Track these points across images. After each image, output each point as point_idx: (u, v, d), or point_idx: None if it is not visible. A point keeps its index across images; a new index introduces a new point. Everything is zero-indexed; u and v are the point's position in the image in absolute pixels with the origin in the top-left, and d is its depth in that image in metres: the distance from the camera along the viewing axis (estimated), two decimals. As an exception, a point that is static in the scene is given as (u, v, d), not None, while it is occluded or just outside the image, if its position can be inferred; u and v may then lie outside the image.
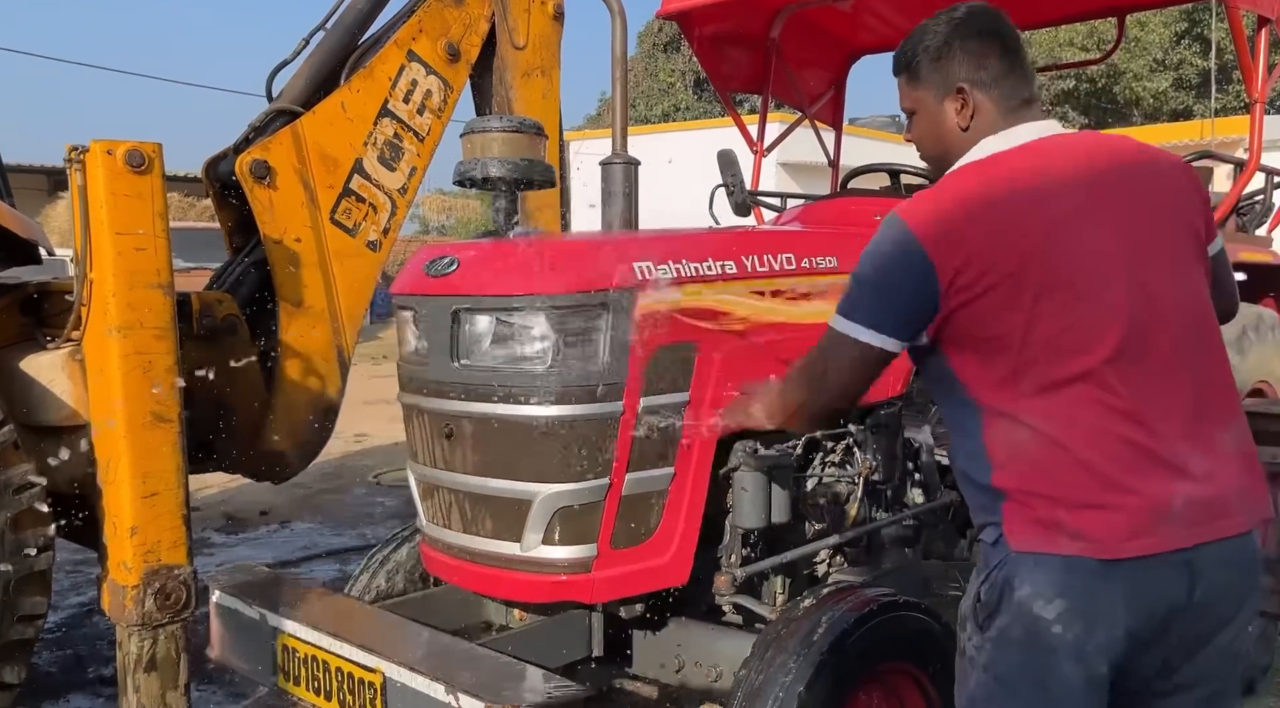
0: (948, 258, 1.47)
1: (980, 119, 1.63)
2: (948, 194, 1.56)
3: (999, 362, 1.49)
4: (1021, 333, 1.47)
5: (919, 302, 1.51)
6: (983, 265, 1.47)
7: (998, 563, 1.51)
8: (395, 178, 3.85)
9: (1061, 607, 1.44)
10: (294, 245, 3.55)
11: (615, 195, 2.82)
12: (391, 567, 2.82)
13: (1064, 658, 1.44)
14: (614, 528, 2.20)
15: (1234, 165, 3.29)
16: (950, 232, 1.49)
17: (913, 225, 1.51)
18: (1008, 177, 1.55)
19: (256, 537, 5.61)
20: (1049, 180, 1.53)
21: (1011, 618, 1.48)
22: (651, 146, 15.84)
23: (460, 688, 1.77)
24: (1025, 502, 1.49)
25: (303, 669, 2.07)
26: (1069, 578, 1.44)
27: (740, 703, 2.03)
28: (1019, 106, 1.63)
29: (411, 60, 3.79)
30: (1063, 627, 1.44)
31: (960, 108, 1.63)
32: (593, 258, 2.30)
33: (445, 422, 2.22)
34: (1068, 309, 1.46)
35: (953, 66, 1.63)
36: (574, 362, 2.13)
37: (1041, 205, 1.50)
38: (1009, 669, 1.49)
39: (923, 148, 1.74)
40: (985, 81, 1.62)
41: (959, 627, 1.61)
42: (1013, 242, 1.48)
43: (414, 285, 2.26)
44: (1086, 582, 1.44)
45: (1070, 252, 1.47)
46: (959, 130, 1.64)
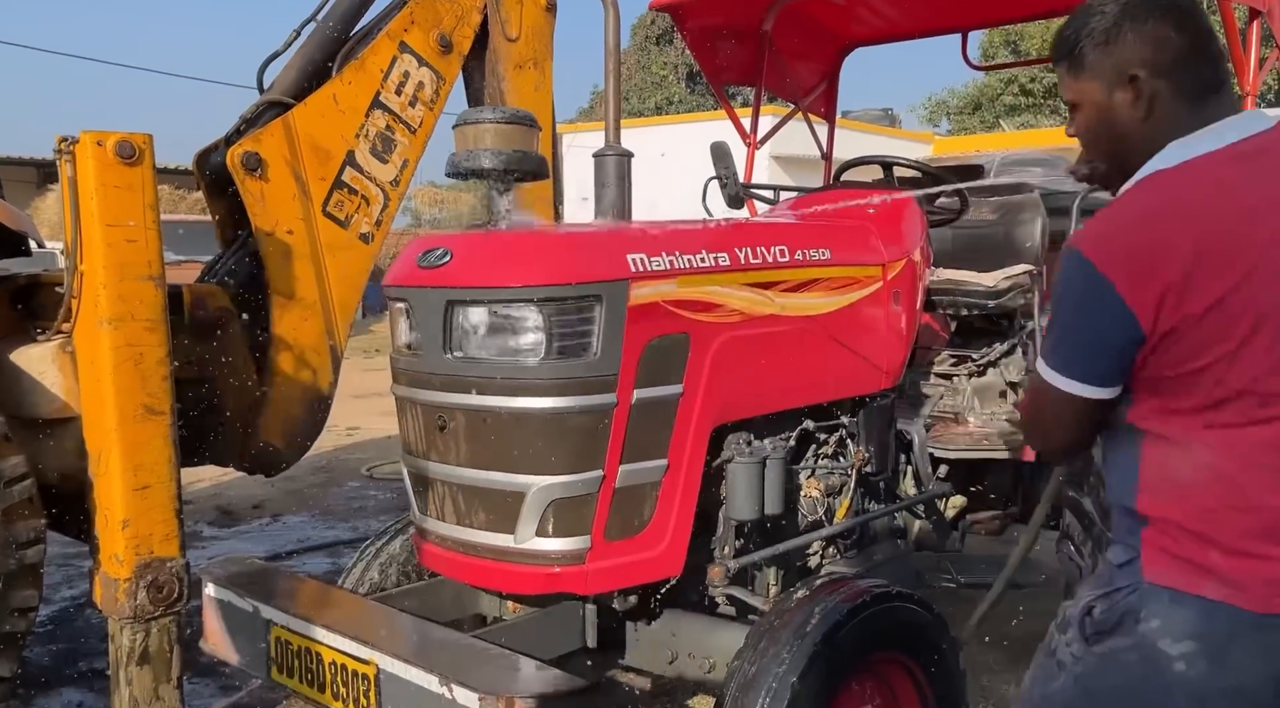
0: (1144, 295, 1.31)
1: (1160, 111, 1.42)
2: (1136, 214, 1.36)
3: (1185, 394, 1.36)
4: (1224, 367, 1.32)
5: (1123, 347, 1.36)
6: (1186, 298, 1.30)
7: (1124, 587, 1.43)
8: (387, 170, 3.83)
9: (1190, 648, 1.36)
10: (286, 238, 3.54)
11: (608, 187, 2.81)
12: (385, 559, 2.82)
13: (1180, 696, 1.37)
14: (607, 520, 2.20)
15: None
16: (1145, 264, 1.31)
17: (1098, 261, 1.34)
18: (1212, 188, 1.34)
19: (249, 530, 5.60)
20: (1264, 190, 1.33)
21: (1130, 645, 1.41)
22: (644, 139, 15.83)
23: (454, 680, 1.77)
24: (1169, 534, 1.39)
25: (296, 662, 2.07)
26: (1207, 623, 1.36)
27: (733, 694, 2.04)
28: (1207, 95, 1.41)
29: (403, 52, 3.77)
30: (1186, 665, 1.36)
31: (1134, 99, 1.42)
32: (586, 250, 2.29)
33: (438, 414, 2.22)
34: None
35: (1124, 51, 1.41)
36: (567, 354, 2.13)
37: (1257, 222, 1.31)
38: (1106, 689, 1.44)
39: (1089, 147, 1.53)
40: (1164, 66, 1.40)
41: (1057, 626, 1.54)
42: (1222, 267, 1.30)
43: (407, 277, 2.25)
44: (1226, 630, 1.35)
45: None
46: (1137, 123, 1.43)
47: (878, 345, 2.89)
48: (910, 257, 3.01)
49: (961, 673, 2.37)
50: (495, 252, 2.20)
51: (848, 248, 2.82)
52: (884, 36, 4.56)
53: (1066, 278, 1.41)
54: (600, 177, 2.83)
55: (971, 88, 26.64)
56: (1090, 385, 1.41)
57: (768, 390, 2.53)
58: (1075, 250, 1.39)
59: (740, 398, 2.45)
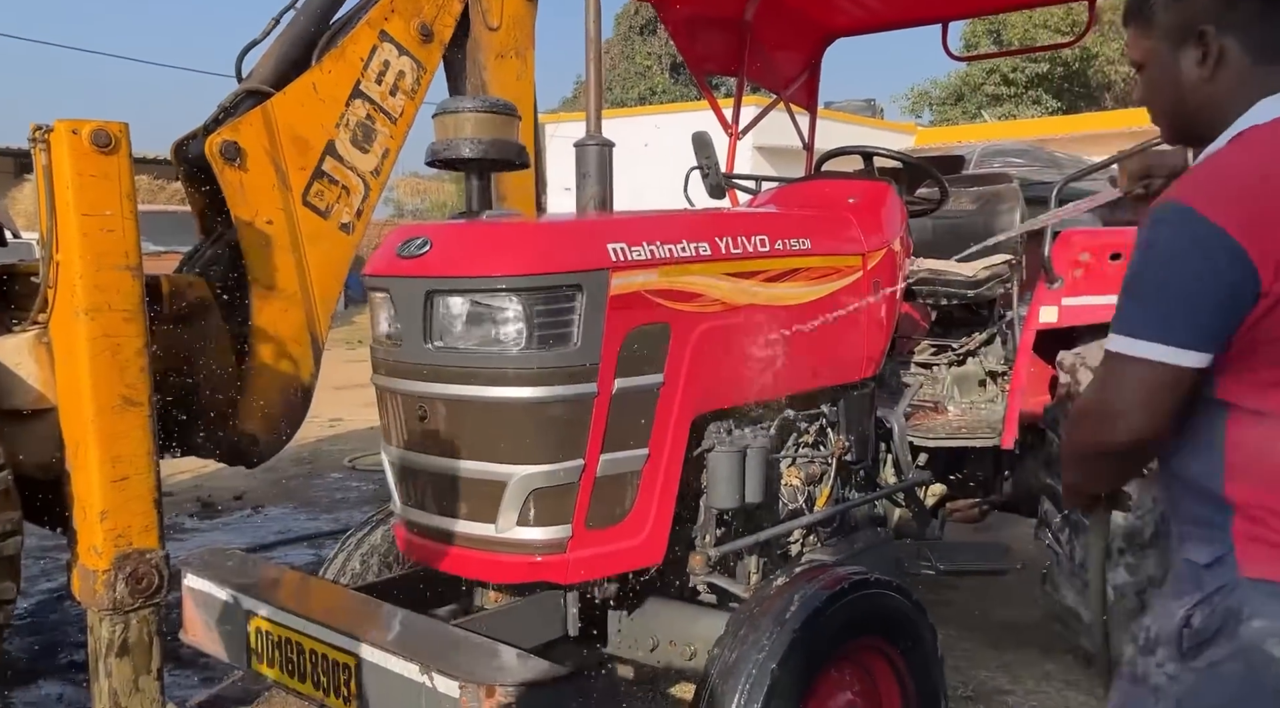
0: (1265, 246, 1.21)
1: (1228, 70, 1.34)
2: (1246, 165, 1.28)
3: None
4: None
5: (1233, 305, 1.24)
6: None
7: (1219, 588, 1.31)
8: (368, 160, 3.82)
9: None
10: (265, 228, 3.52)
11: (589, 177, 2.81)
12: (366, 550, 2.82)
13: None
14: (589, 509, 2.21)
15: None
16: (1264, 212, 1.22)
17: (1209, 211, 1.23)
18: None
19: (230, 522, 5.58)
20: None
21: (1232, 652, 1.28)
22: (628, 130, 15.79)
23: (434, 668, 1.77)
24: (1266, 522, 1.29)
25: (276, 652, 2.06)
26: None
27: (714, 681, 2.05)
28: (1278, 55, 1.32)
29: (384, 41, 3.75)
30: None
31: (1202, 57, 1.35)
32: (567, 239, 2.30)
33: (419, 404, 2.22)
34: None
35: (1194, 6, 1.35)
36: (548, 343, 2.13)
37: None
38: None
39: (1154, 108, 1.45)
40: (1236, 24, 1.33)
41: (1140, 649, 1.39)
42: None
43: (386, 267, 2.24)
44: None
45: None
46: (1200, 83, 1.35)
47: (858, 335, 2.91)
48: (890, 246, 3.02)
49: (940, 659, 2.40)
50: (475, 241, 2.20)
51: (828, 238, 2.83)
52: (865, 27, 4.56)
53: (1166, 233, 1.26)
54: (581, 166, 2.83)
55: (954, 78, 26.73)
56: (1191, 351, 1.26)
57: (749, 379, 2.54)
58: (1175, 202, 1.26)
59: (721, 387, 2.46)
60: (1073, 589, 3.23)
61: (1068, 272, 3.32)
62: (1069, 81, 25.52)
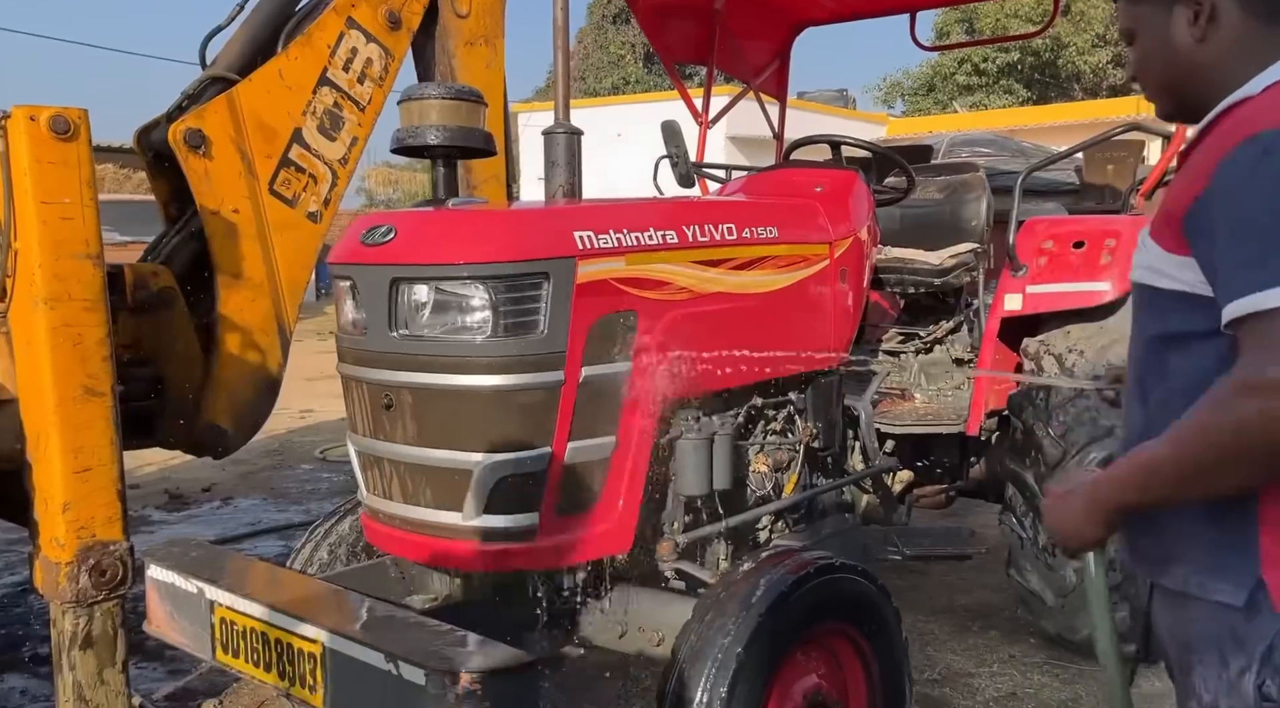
0: None
1: (1222, 31, 1.24)
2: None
3: None
4: None
5: None
6: None
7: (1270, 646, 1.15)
8: (336, 148, 3.78)
9: None
10: (231, 216, 3.48)
11: (558, 165, 2.81)
12: (334, 539, 2.81)
13: None
14: (556, 497, 2.22)
15: (1162, 137, 3.38)
16: None
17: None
18: None
19: (199, 514, 5.54)
20: None
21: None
22: (601, 120, 15.75)
23: (401, 656, 1.77)
24: None
25: (242, 642, 2.05)
26: None
27: (680, 665, 2.06)
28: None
29: (351, 27, 3.71)
30: None
31: (1194, 17, 1.25)
32: (533, 227, 2.29)
33: (384, 392, 2.21)
34: None
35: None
36: (514, 331, 2.13)
37: None
38: None
39: (1146, 80, 1.35)
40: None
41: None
42: None
43: (351, 255, 2.23)
44: None
45: None
46: (1193, 45, 1.25)
47: (825, 322, 2.93)
48: (857, 235, 3.04)
49: (904, 643, 2.43)
50: (440, 229, 2.19)
51: (795, 226, 2.84)
52: (834, 16, 4.58)
53: None
54: (550, 155, 2.83)
55: (926, 68, 26.87)
56: None
57: (716, 367, 2.55)
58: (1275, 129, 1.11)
59: (688, 375, 2.46)
60: (1036, 573, 3.28)
61: (1032, 259, 3.36)
62: (1039, 72, 25.73)
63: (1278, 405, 1.06)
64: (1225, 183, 1.13)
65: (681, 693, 2.03)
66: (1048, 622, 3.37)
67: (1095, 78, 25.44)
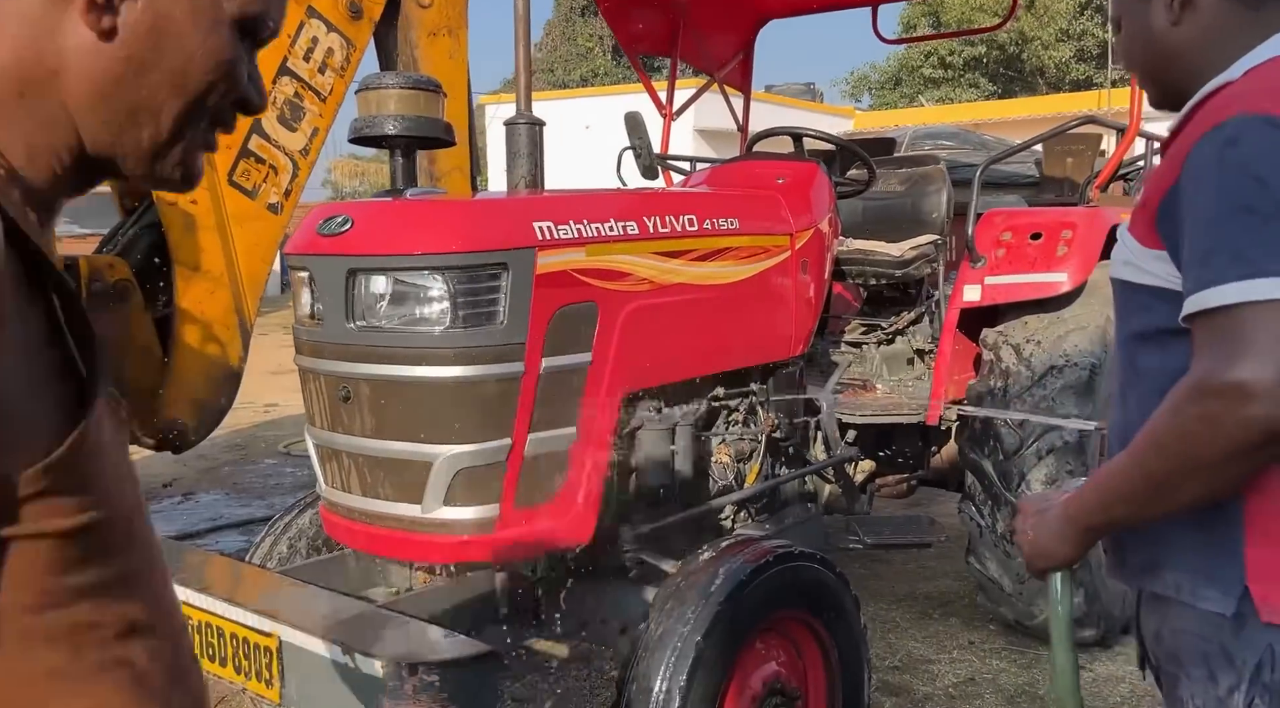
0: None
1: (1196, 15, 1.22)
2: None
3: None
4: None
5: None
6: None
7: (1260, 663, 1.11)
8: (296, 138, 3.74)
9: None
10: (189, 208, 3.43)
11: (520, 156, 2.80)
12: (294, 533, 2.79)
13: None
14: (517, 488, 2.21)
15: (1117, 131, 3.43)
16: None
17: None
18: None
19: (159, 509, 5.47)
20: None
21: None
22: (570, 112, 15.70)
23: (358, 649, 1.77)
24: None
25: (197, 637, 2.04)
26: None
27: (641, 654, 2.07)
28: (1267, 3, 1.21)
29: (311, 17, 3.67)
30: None
31: (1170, 1, 1.23)
32: (492, 217, 2.29)
33: (342, 384, 2.20)
34: None
35: None
36: (474, 322, 2.12)
37: None
38: None
39: (1132, 65, 1.34)
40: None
41: None
42: None
43: (307, 245, 2.21)
44: None
45: None
46: (1168, 29, 1.24)
47: (786, 313, 2.94)
48: (818, 226, 3.06)
49: (863, 630, 2.45)
50: (398, 219, 2.18)
51: (756, 217, 2.86)
52: (796, 9, 4.60)
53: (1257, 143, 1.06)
54: (512, 145, 2.81)
55: (892, 62, 27.04)
56: None
57: (677, 358, 2.56)
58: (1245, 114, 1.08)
59: (649, 366, 2.48)
60: (995, 560, 3.32)
61: (990, 251, 3.40)
62: (1004, 66, 25.98)
63: (1218, 409, 1.01)
64: (1190, 173, 1.11)
65: (642, 682, 2.04)
66: (1006, 608, 3.42)
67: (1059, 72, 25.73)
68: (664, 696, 2.00)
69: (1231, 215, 1.04)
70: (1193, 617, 1.17)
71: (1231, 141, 1.07)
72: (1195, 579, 1.17)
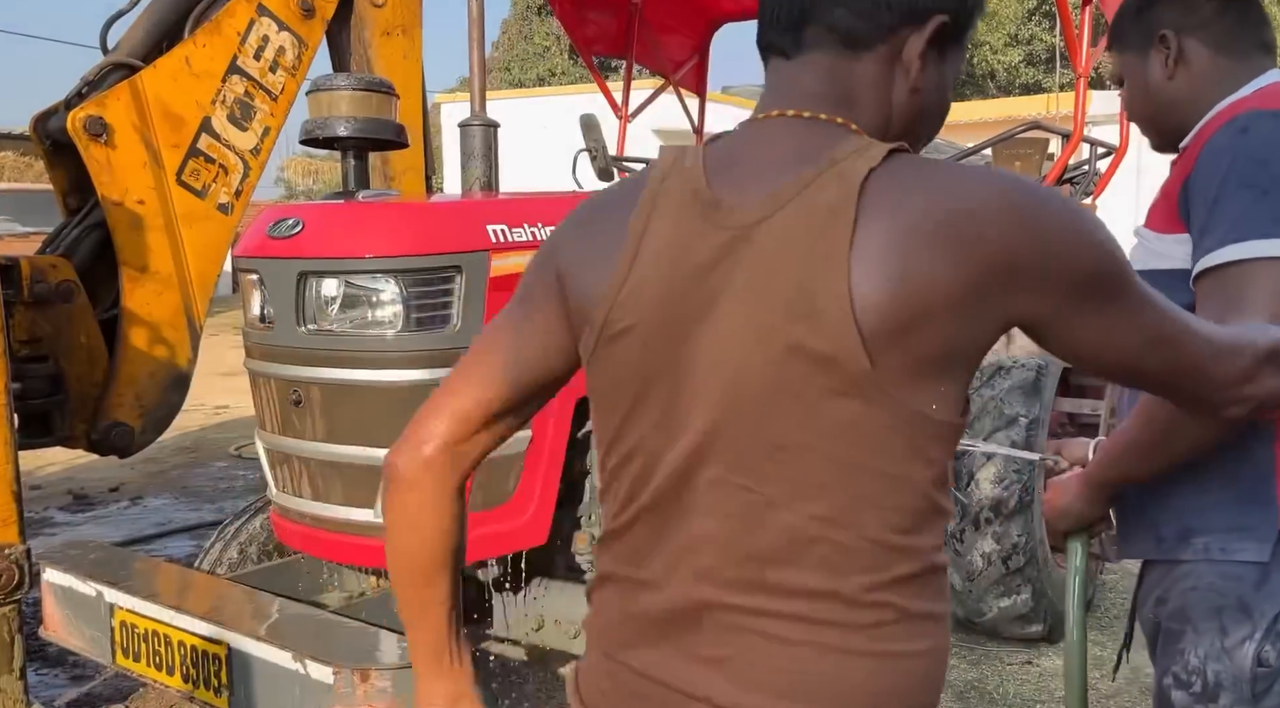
0: None
1: (1190, 68, 1.37)
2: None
3: None
4: None
5: None
6: None
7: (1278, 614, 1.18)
8: (247, 138, 3.68)
9: None
10: (136, 207, 3.37)
11: (474, 158, 2.79)
12: (244, 538, 2.76)
13: None
14: (471, 491, 2.21)
15: (1061, 136, 3.50)
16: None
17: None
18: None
19: (106, 515, 5.36)
20: None
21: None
22: (526, 112, 15.61)
23: (308, 655, 1.75)
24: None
25: (143, 645, 2.00)
26: None
27: (595, 657, 2.07)
28: (1254, 52, 1.37)
29: (261, 15, 3.62)
30: None
31: (1165, 58, 1.38)
32: (446, 220, 2.28)
33: (293, 389, 2.18)
34: None
35: (1155, 15, 1.40)
36: (427, 325, 2.11)
37: None
38: None
39: (1136, 115, 1.48)
40: (1195, 25, 1.37)
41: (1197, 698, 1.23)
42: None
43: (257, 248, 2.19)
44: None
45: None
46: (1165, 82, 1.38)
47: (740, 316, 2.96)
48: (772, 229, 3.09)
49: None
50: (349, 222, 2.16)
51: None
52: (751, 13, 4.62)
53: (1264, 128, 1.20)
54: (466, 147, 2.81)
55: (848, 65, 27.23)
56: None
57: (632, 361, 2.57)
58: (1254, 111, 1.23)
59: (604, 368, 2.48)
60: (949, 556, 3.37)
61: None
62: (956, 70, 26.36)
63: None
64: (1205, 158, 1.23)
65: (596, 684, 2.04)
66: (956, 606, 3.48)
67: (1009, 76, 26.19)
68: (618, 697, 2.01)
69: (1235, 192, 1.17)
70: (1214, 574, 1.24)
71: (1243, 129, 1.22)
72: (1228, 537, 1.24)
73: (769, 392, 0.84)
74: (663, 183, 0.93)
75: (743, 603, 0.86)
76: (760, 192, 0.87)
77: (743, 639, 0.86)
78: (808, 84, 0.93)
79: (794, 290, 0.83)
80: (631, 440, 0.94)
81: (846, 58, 0.92)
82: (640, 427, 0.93)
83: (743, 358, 0.85)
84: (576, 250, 0.97)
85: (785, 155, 0.89)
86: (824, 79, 0.93)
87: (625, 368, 0.93)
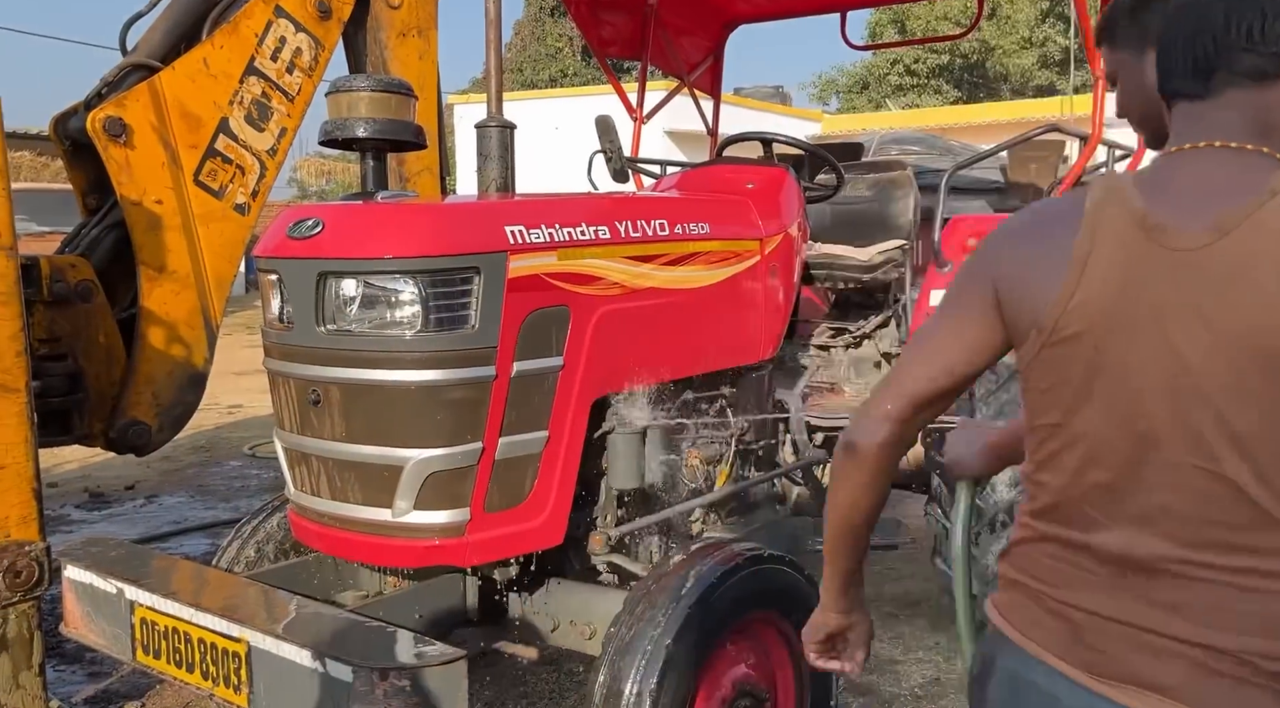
0: None
1: None
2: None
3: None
4: None
5: None
6: None
7: None
8: (264, 139, 3.71)
9: None
10: (154, 207, 3.40)
11: (490, 159, 2.80)
12: (262, 536, 2.77)
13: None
14: (487, 491, 2.21)
15: (1079, 139, 3.49)
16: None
17: None
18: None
19: (122, 512, 5.39)
20: None
21: None
22: (539, 113, 15.66)
23: (327, 653, 1.76)
24: None
25: (163, 642, 2.02)
26: None
27: (610, 658, 2.08)
28: None
29: (279, 16, 3.65)
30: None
31: None
32: (464, 221, 2.28)
33: (312, 388, 2.18)
34: None
35: (1151, 15, 1.40)
36: (445, 326, 2.12)
37: None
38: None
39: (1129, 112, 1.49)
40: None
41: None
42: None
43: (277, 248, 2.20)
44: None
45: None
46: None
47: (756, 318, 2.96)
48: (787, 231, 3.09)
49: (832, 631, 2.47)
50: (369, 222, 2.17)
51: (726, 222, 2.88)
52: (766, 14, 4.63)
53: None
54: (482, 148, 2.81)
55: (860, 67, 27.27)
56: None
57: (648, 362, 2.57)
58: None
59: (620, 370, 2.48)
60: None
61: (956, 256, 3.44)
62: (969, 73, 26.32)
63: None
64: None
65: (612, 685, 2.05)
66: (971, 609, 3.46)
67: (1022, 79, 26.11)
68: (634, 698, 2.01)
69: None
70: None
71: None
72: None
73: (1231, 390, 1.01)
74: (1100, 210, 1.09)
75: (1200, 559, 1.05)
76: (1204, 217, 1.03)
77: (1199, 587, 1.05)
78: (1226, 118, 1.09)
79: (1258, 305, 0.99)
80: (1076, 427, 1.10)
81: (1259, 91, 1.07)
82: (1088, 416, 1.09)
83: (1203, 362, 1.01)
84: (1016, 266, 1.15)
85: (1220, 184, 1.05)
86: (1241, 112, 1.09)
87: (1072, 367, 1.09)
